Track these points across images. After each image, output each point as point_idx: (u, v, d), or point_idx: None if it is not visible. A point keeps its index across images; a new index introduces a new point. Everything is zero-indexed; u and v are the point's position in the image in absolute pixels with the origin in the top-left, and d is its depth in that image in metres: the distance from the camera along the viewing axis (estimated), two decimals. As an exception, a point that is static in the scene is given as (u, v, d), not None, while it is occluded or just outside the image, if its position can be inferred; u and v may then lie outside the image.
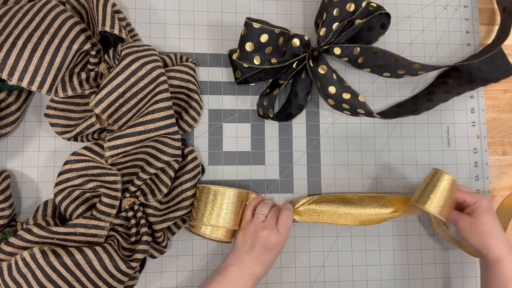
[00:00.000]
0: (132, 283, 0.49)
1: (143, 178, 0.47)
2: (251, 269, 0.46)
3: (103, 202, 0.45)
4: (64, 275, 0.41)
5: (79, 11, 0.49)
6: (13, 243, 0.42)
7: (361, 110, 0.50)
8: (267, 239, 0.46)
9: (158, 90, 0.46)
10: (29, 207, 0.50)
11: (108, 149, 0.44)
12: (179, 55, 0.53)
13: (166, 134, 0.46)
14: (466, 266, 0.55)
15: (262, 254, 0.46)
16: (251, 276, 0.46)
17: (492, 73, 0.57)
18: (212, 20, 0.55)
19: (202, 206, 0.48)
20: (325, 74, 0.50)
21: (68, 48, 0.42)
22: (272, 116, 0.52)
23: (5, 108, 0.47)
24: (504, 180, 0.58)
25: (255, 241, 0.46)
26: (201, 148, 0.53)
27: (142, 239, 0.46)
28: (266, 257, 0.47)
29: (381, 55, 0.52)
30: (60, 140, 0.51)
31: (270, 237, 0.46)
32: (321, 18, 0.52)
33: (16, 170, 0.50)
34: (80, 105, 0.49)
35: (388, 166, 0.56)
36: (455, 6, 0.60)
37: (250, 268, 0.46)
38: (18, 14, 0.42)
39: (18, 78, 0.40)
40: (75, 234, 0.43)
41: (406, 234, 0.55)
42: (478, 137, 0.58)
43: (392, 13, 0.56)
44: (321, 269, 0.53)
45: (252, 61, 0.48)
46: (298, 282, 0.53)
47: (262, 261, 0.46)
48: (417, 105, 0.55)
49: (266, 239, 0.46)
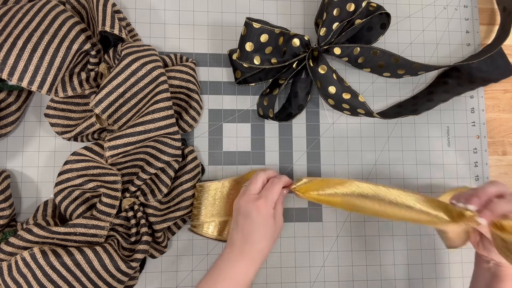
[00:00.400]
0: (132, 283, 0.49)
1: (143, 178, 0.47)
2: (239, 246, 0.42)
3: (103, 202, 0.45)
4: (64, 275, 0.41)
5: (79, 11, 0.49)
6: (13, 243, 0.42)
7: (361, 110, 0.50)
8: (246, 207, 0.43)
9: (158, 90, 0.46)
10: (29, 207, 0.50)
11: (108, 149, 0.44)
12: (179, 55, 0.53)
13: (166, 134, 0.46)
14: (466, 266, 0.55)
15: (248, 226, 0.43)
16: (241, 256, 0.42)
17: (492, 73, 0.57)
18: (212, 20, 0.55)
19: (197, 205, 0.49)
20: (325, 74, 0.50)
21: (68, 48, 0.42)
22: (272, 116, 0.52)
23: (5, 108, 0.47)
24: (504, 180, 0.58)
25: (237, 214, 0.44)
26: (201, 148, 0.53)
27: (142, 239, 0.46)
28: (252, 229, 0.42)
29: (381, 55, 0.52)
30: (60, 140, 0.51)
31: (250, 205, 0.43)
32: (321, 18, 0.52)
33: (16, 170, 0.50)
34: (80, 105, 0.49)
35: (388, 166, 0.56)
36: (455, 6, 0.60)
37: (238, 246, 0.42)
38: (18, 14, 0.42)
39: (18, 78, 0.40)
40: (75, 234, 0.43)
41: (406, 234, 0.55)
42: (478, 137, 0.58)
43: (392, 13, 0.56)
44: (321, 269, 0.53)
45: (252, 61, 0.48)
46: (298, 282, 0.53)
47: (249, 235, 0.42)
48: (417, 105, 0.55)
49: (245, 207, 0.43)
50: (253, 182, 0.46)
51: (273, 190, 0.45)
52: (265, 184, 0.47)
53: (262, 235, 0.43)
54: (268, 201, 0.44)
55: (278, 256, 0.53)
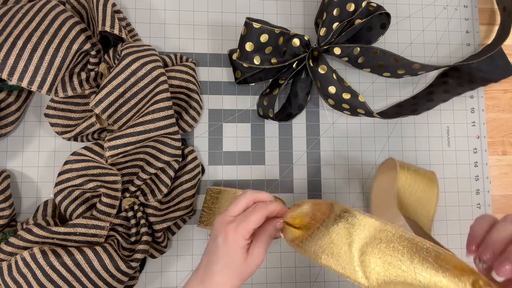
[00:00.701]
0: (132, 283, 0.49)
1: (143, 178, 0.47)
2: (201, 274, 0.36)
3: (103, 202, 0.45)
4: (64, 275, 0.41)
5: (79, 11, 0.49)
6: (13, 243, 0.42)
7: (361, 110, 0.50)
8: (216, 229, 0.37)
9: (158, 90, 0.46)
10: (29, 207, 0.50)
11: (108, 149, 0.44)
12: (179, 55, 0.53)
13: (166, 134, 0.46)
14: (466, 266, 0.55)
15: (212, 252, 0.36)
16: (201, 285, 0.36)
17: (492, 73, 0.57)
18: (212, 20, 0.55)
19: (208, 209, 0.48)
20: (325, 74, 0.50)
21: (68, 48, 0.42)
22: (272, 116, 0.52)
23: (5, 108, 0.47)
24: (504, 180, 0.58)
25: (211, 234, 0.38)
26: (201, 148, 0.53)
27: (142, 239, 0.46)
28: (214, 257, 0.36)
29: (381, 55, 0.52)
30: (60, 140, 0.51)
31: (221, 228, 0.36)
32: (321, 18, 0.52)
33: (16, 170, 0.50)
34: (80, 105, 0.49)
35: (388, 166, 0.56)
36: (455, 6, 0.60)
37: (200, 273, 0.36)
38: (18, 14, 0.42)
39: (18, 78, 0.40)
40: (75, 234, 0.43)
41: (406, 234, 0.55)
42: (478, 137, 0.58)
43: (392, 13, 0.56)
44: (321, 269, 0.53)
45: (252, 61, 0.48)
46: (298, 282, 0.53)
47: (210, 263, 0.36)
48: (417, 105, 0.55)
49: (216, 228, 0.37)
50: (235, 203, 0.38)
51: (250, 218, 0.36)
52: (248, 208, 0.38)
53: (221, 267, 0.35)
54: (239, 228, 0.36)
55: (278, 256, 0.53)
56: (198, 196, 0.53)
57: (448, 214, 0.56)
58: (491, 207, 0.57)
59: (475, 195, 0.57)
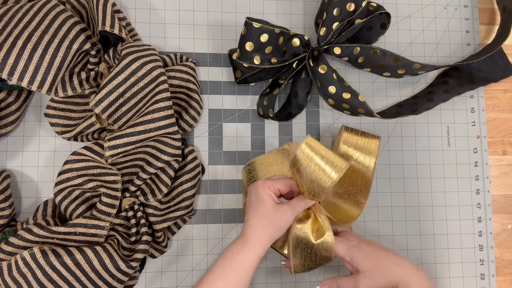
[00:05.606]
0: (132, 283, 0.49)
1: (143, 178, 0.47)
2: (242, 230, 0.42)
3: (103, 202, 0.45)
4: (64, 275, 0.41)
5: (79, 11, 0.49)
6: (13, 242, 0.42)
7: (361, 109, 0.50)
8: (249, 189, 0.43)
9: (158, 90, 0.46)
10: (29, 207, 0.50)
11: (108, 149, 0.44)
12: (179, 55, 0.53)
13: (166, 134, 0.46)
14: (466, 266, 0.55)
15: (247, 206, 0.43)
16: (240, 237, 0.42)
17: (492, 73, 0.57)
18: (212, 20, 0.55)
19: None
20: (325, 73, 0.50)
21: (68, 48, 0.42)
22: (272, 116, 0.52)
23: (5, 108, 0.47)
24: (504, 180, 0.58)
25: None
26: (201, 148, 0.53)
27: (142, 239, 0.46)
28: (247, 207, 0.43)
29: (381, 55, 0.52)
30: (60, 140, 0.51)
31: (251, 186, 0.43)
32: (321, 18, 0.52)
33: (16, 170, 0.50)
34: (80, 104, 0.49)
35: (388, 166, 0.56)
36: (455, 6, 0.60)
37: (242, 230, 0.42)
38: (18, 14, 0.42)
39: (18, 77, 0.40)
40: (75, 233, 0.43)
41: (406, 234, 0.55)
42: (478, 137, 0.58)
43: (392, 13, 0.56)
44: (321, 269, 0.53)
45: (252, 60, 0.48)
46: (298, 282, 0.53)
47: (246, 214, 0.43)
48: (417, 105, 0.55)
49: (249, 188, 0.43)
50: (276, 177, 0.44)
51: (277, 178, 0.43)
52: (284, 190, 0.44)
53: (253, 212, 0.42)
54: (266, 182, 0.42)
55: (278, 256, 0.53)
56: (198, 196, 0.53)
57: (448, 214, 0.56)
58: (491, 207, 0.57)
59: (475, 195, 0.57)
